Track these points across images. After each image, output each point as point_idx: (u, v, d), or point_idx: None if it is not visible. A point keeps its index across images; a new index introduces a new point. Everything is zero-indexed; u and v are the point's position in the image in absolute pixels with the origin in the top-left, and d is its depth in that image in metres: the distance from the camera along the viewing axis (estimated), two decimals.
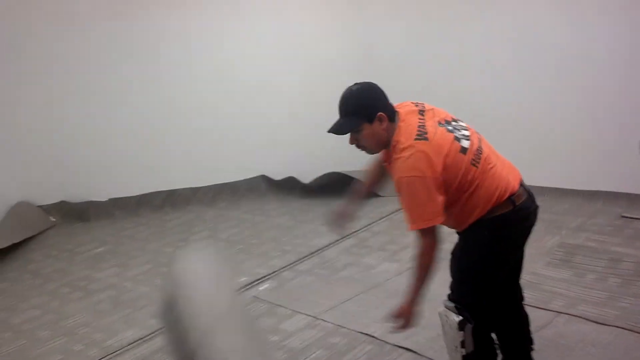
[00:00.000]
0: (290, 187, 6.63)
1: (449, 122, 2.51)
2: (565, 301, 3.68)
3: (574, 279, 3.94)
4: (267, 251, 5.12)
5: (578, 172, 5.44)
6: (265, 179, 6.73)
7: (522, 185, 2.55)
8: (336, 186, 6.44)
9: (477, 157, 2.46)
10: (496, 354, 2.74)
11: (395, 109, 2.52)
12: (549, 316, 3.50)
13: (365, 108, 2.44)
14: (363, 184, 2.94)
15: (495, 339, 2.74)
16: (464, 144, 2.45)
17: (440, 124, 2.47)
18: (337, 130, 2.48)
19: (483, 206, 2.44)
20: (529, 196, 2.55)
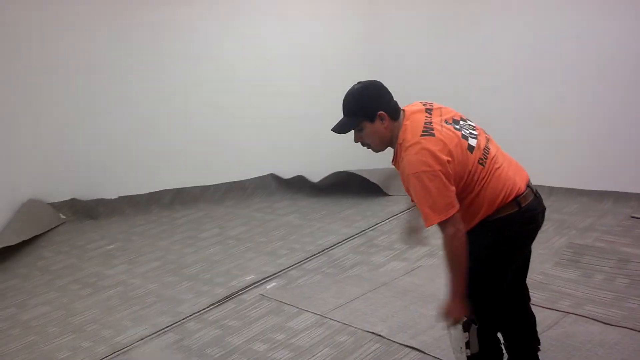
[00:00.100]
0: (299, 185, 6.64)
1: (456, 121, 2.52)
2: (573, 301, 3.66)
3: (582, 279, 3.92)
4: (275, 249, 5.13)
5: (588, 173, 5.41)
6: (274, 177, 6.74)
7: (529, 186, 2.53)
8: (345, 185, 6.47)
9: (484, 156, 2.46)
10: (502, 354, 2.73)
11: (399, 107, 2.53)
12: (556, 316, 3.49)
13: (366, 107, 2.47)
14: None
15: (502, 338, 2.74)
16: (472, 142, 2.45)
17: (447, 122, 2.48)
18: (339, 129, 2.51)
19: (488, 207, 2.44)
20: (535, 198, 2.53)
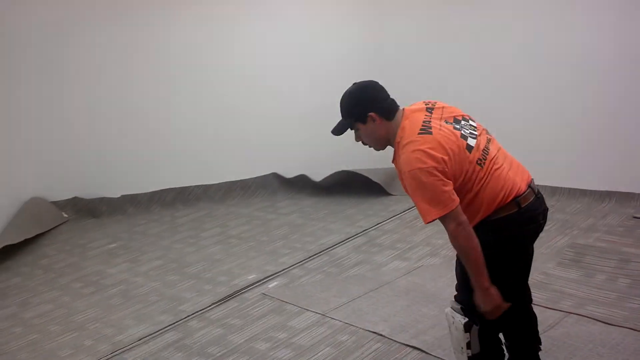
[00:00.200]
0: (301, 185, 6.64)
1: (457, 121, 2.52)
2: (575, 301, 3.66)
3: (584, 279, 3.92)
4: (277, 248, 5.14)
5: (590, 173, 5.40)
6: (276, 176, 6.74)
7: (530, 186, 2.52)
8: (347, 184, 6.47)
9: (483, 157, 2.46)
10: (503, 355, 2.73)
11: (395, 107, 2.56)
12: (557, 316, 3.49)
13: (357, 110, 2.54)
14: None
15: (503, 338, 2.74)
16: (470, 142, 2.45)
17: (447, 121, 2.49)
18: (336, 131, 2.60)
19: (487, 207, 2.44)
20: (536, 198, 2.52)
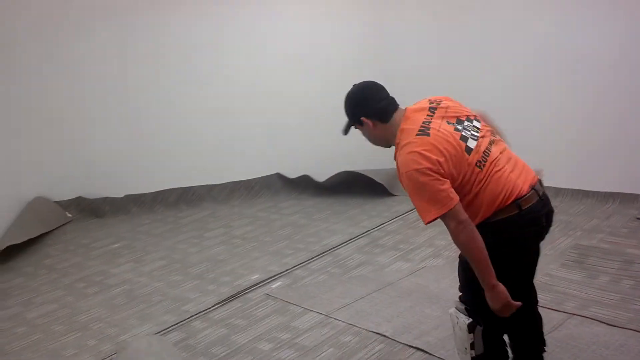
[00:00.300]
0: (305, 185, 6.64)
1: (460, 121, 2.51)
2: (578, 303, 3.66)
3: (587, 281, 3.92)
4: (281, 249, 5.14)
5: (594, 174, 5.39)
6: (279, 177, 6.74)
7: (534, 188, 2.49)
8: (350, 185, 6.47)
9: (484, 159, 2.44)
10: (507, 356, 2.72)
11: (392, 108, 2.56)
12: (561, 317, 3.49)
13: (352, 113, 2.61)
14: None
15: (507, 339, 2.73)
16: (470, 144, 2.44)
17: (449, 122, 2.48)
18: (343, 131, 2.69)
19: (486, 209, 2.42)
20: (540, 200, 2.49)
